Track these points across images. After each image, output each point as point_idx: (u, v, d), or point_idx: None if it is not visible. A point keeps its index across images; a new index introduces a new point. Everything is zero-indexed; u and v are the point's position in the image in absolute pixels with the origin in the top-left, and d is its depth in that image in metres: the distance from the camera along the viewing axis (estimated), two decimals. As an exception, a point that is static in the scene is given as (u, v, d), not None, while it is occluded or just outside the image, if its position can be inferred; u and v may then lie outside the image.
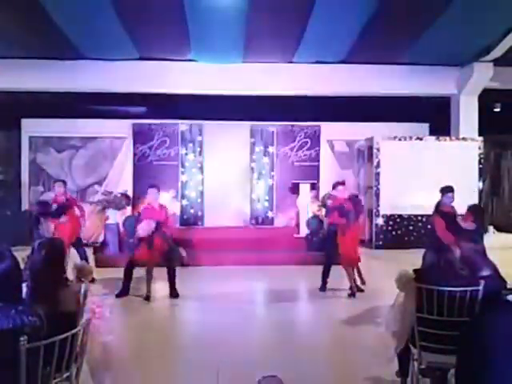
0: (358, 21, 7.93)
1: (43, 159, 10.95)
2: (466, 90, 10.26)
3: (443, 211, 5.86)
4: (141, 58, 9.66)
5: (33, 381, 2.22)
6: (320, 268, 6.52)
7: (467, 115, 10.38)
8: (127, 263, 6.19)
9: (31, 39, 8.51)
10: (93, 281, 6.62)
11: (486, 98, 10.33)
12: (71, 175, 10.97)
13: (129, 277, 6.15)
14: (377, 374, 3.77)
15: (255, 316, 5.73)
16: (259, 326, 5.39)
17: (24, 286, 2.61)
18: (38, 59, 9.49)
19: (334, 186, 6.46)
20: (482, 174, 10.35)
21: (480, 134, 10.33)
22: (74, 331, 2.39)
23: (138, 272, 6.32)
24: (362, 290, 6.29)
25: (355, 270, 6.42)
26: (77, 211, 7.11)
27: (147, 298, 5.97)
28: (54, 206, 6.81)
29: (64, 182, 7.31)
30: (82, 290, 2.97)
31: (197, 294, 6.36)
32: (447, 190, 5.98)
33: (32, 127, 10.90)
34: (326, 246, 6.59)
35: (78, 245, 6.99)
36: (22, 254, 3.02)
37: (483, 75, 9.93)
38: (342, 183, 6.49)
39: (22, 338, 2.09)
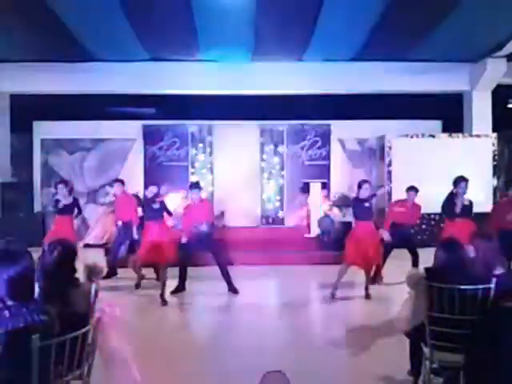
0: (369, 18, 7.86)
1: (55, 161, 11.03)
2: (478, 86, 10.12)
3: None
4: (150, 59, 9.70)
5: (45, 378, 2.25)
6: (331, 267, 6.49)
7: (480, 111, 10.24)
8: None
9: (42, 42, 8.59)
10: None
11: (500, 93, 10.20)
12: (82, 177, 11.04)
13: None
14: (389, 373, 3.75)
15: (265, 315, 5.71)
16: (269, 324, 5.37)
17: (36, 286, 2.64)
18: (48, 62, 9.59)
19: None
20: (496, 171, 10.21)
21: (494, 130, 10.20)
22: (84, 330, 2.44)
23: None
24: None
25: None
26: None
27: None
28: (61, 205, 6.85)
29: (65, 183, 7.09)
30: (93, 290, 2.99)
31: (208, 292, 6.38)
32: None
33: (43, 129, 10.99)
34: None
35: None
36: (34, 255, 3.04)
37: (496, 71, 9.79)
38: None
39: (33, 337, 2.12)
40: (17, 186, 10.42)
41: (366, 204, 6.04)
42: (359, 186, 6.15)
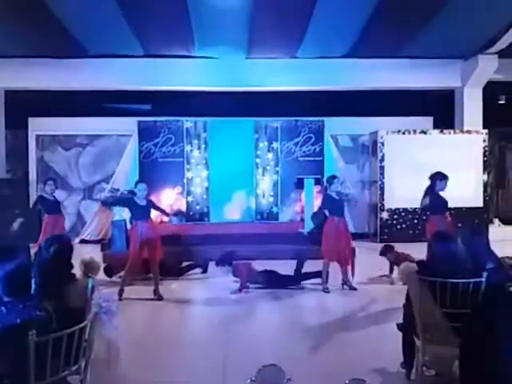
0: (361, 15, 7.93)
1: (50, 157, 11.06)
2: (470, 82, 10.21)
3: None
4: (146, 55, 9.73)
5: (42, 374, 2.27)
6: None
7: (471, 108, 10.33)
8: None
9: (36, 38, 8.59)
10: None
11: (491, 90, 10.28)
12: (78, 173, 11.09)
13: None
14: (381, 365, 3.80)
15: (257, 308, 5.81)
16: (262, 318, 5.48)
17: (32, 282, 2.69)
18: (44, 58, 9.59)
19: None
20: (486, 167, 10.32)
21: (485, 127, 10.28)
22: (81, 325, 2.44)
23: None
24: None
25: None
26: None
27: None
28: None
29: (53, 181, 7.75)
30: (90, 285, 3.04)
31: (203, 287, 6.46)
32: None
33: (39, 126, 11.01)
34: None
35: None
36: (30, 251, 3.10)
37: (487, 67, 9.87)
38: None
39: (30, 332, 2.14)
40: (12, 182, 10.43)
41: (338, 199, 6.18)
42: (328, 182, 6.32)
